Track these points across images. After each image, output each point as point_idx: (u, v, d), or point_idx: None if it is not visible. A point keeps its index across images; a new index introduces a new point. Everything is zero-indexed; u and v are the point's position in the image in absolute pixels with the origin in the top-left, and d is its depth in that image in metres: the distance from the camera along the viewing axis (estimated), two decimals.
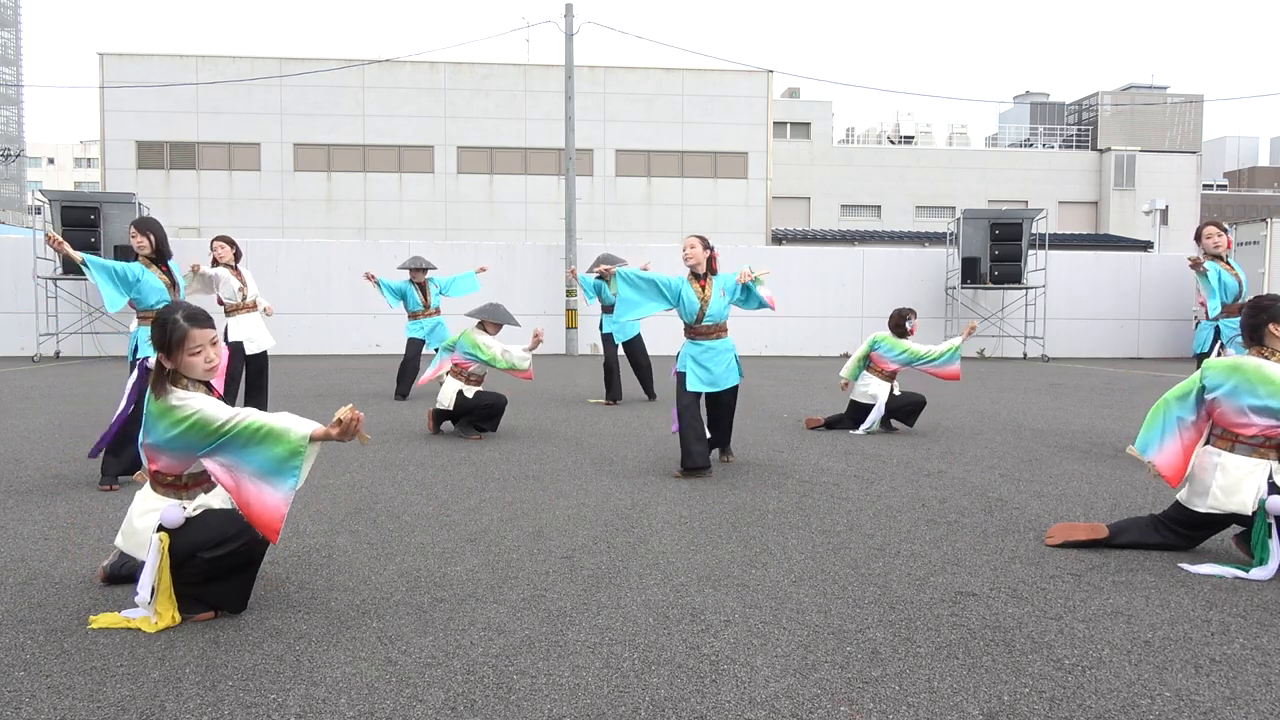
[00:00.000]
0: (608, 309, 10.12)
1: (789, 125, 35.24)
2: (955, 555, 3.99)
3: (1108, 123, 36.83)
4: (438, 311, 10.34)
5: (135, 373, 5.18)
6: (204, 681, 2.62)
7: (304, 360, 16.60)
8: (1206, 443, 4.00)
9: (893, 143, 40.12)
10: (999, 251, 18.52)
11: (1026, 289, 18.87)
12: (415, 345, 10.30)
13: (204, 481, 3.23)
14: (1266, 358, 3.88)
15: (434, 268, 10.52)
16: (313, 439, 3.06)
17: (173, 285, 5.71)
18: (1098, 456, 6.66)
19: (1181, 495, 4.01)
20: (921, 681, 2.66)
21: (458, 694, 2.56)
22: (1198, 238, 7.24)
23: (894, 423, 7.94)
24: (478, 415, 7.39)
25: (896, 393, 7.82)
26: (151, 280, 5.62)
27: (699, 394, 5.96)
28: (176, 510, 3.08)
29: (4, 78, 61.50)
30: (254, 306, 8.03)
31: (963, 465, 6.27)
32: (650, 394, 10.39)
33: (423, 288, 10.24)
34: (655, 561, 3.87)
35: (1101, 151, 35.75)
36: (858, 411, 7.85)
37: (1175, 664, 2.80)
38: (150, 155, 27.78)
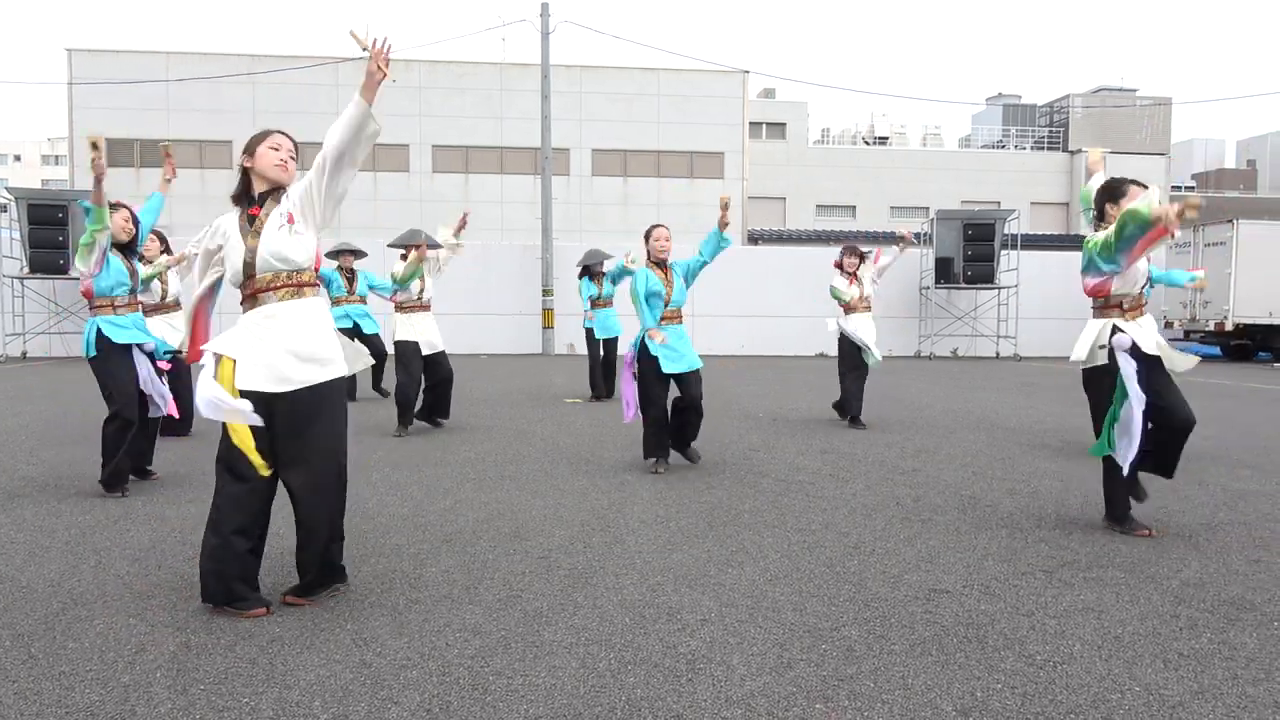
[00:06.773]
0: (597, 303, 10.19)
1: (765, 125, 35.33)
2: (929, 553, 4.03)
3: (1079, 124, 37.20)
4: (363, 300, 10.00)
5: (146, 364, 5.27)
6: (175, 686, 2.59)
7: None
8: None
9: (867, 143, 40.30)
10: (972, 252, 18.69)
11: (999, 289, 19.05)
12: None
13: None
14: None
15: (364, 254, 10.30)
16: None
17: (133, 274, 5.62)
18: (1069, 454, 6.74)
19: None
20: (896, 678, 2.68)
21: (433, 696, 2.55)
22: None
23: (863, 420, 8.11)
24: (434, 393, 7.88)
25: (849, 328, 8.06)
26: (118, 265, 5.49)
27: (666, 386, 5.93)
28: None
29: None
30: None
31: (936, 463, 6.32)
32: (612, 392, 10.30)
33: (350, 275, 9.99)
34: (632, 561, 3.87)
35: (1073, 153, 36.12)
36: (847, 348, 8.16)
37: (1145, 659, 2.84)
38: (120, 153, 27.34)
